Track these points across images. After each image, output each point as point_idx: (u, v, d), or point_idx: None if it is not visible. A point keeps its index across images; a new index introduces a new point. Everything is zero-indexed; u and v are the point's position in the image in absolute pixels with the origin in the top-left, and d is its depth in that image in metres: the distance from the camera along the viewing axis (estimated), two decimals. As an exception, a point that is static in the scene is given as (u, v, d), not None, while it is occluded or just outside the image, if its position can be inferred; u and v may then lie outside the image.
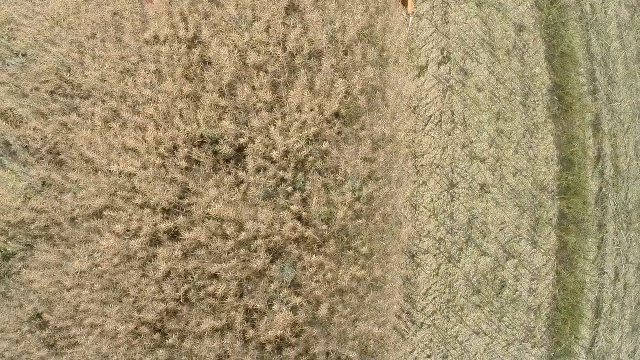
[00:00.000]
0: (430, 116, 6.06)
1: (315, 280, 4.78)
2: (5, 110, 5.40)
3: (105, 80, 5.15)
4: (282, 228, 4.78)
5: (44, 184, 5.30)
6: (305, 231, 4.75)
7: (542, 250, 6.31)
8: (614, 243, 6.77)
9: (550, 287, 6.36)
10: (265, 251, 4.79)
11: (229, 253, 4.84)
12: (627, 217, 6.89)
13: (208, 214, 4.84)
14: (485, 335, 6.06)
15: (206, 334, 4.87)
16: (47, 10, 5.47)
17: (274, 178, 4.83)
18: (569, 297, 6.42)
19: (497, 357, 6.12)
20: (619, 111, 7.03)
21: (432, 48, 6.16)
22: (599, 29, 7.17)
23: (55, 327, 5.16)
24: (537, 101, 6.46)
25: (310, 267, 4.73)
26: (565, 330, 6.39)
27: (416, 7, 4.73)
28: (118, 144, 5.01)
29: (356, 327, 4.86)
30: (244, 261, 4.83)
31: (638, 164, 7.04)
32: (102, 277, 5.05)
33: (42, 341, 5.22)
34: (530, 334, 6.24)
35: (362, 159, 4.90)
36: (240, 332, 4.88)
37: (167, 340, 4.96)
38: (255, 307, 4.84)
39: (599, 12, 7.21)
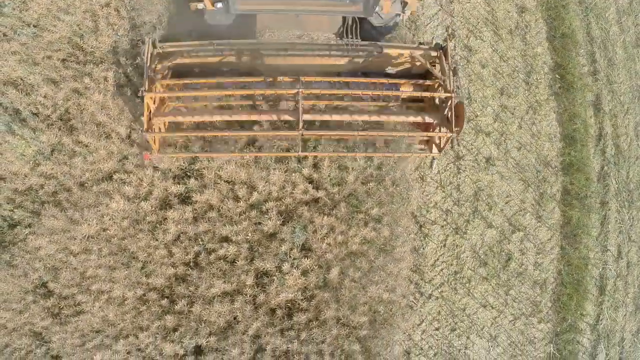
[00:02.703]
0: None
1: (326, 242, 4.91)
2: (15, 79, 5.53)
3: (117, 47, 5.32)
4: (294, 190, 4.93)
5: (52, 150, 5.40)
6: (317, 192, 4.90)
7: (546, 225, 6.49)
8: (616, 221, 6.98)
9: (555, 261, 6.52)
10: (277, 213, 4.92)
11: (240, 215, 4.96)
12: (628, 195, 7.12)
13: (220, 176, 4.97)
14: (492, 308, 6.18)
15: (216, 299, 4.96)
16: (61, -19, 5.66)
17: (286, 140, 5.00)
18: (574, 272, 6.58)
19: (504, 330, 6.23)
20: (618, 92, 7.32)
21: (437, 25, 6.44)
22: (598, 13, 7.52)
23: (61, 295, 5.20)
24: (539, 79, 6.74)
25: (321, 228, 4.87)
26: (570, 305, 6.53)
27: (442, 152, 4.84)
28: (130, 108, 5.17)
29: (366, 291, 4.99)
30: (255, 223, 4.96)
31: (638, 144, 7.30)
32: (110, 241, 5.13)
33: (46, 310, 5.25)
34: (536, 308, 6.38)
35: (372, 125, 5.09)
36: (250, 297, 4.98)
37: (175, 306, 5.04)
38: (265, 271, 4.95)
39: (597, -2, 7.57)
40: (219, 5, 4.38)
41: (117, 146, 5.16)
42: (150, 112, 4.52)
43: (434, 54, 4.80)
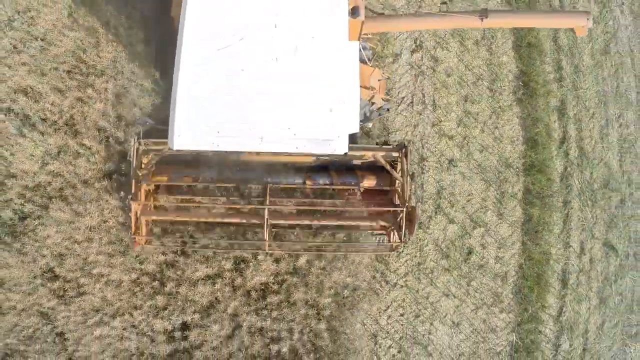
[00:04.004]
0: (403, 97, 7.47)
1: (294, 234, 6.13)
2: (25, 87, 6.80)
3: (116, 61, 6.58)
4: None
5: (59, 152, 6.66)
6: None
7: (507, 222, 7.61)
8: (579, 219, 8.05)
9: (516, 256, 7.63)
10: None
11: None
12: (592, 195, 8.18)
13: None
14: (455, 297, 7.32)
15: (200, 282, 6.20)
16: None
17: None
18: (535, 266, 7.68)
19: (466, 319, 7.36)
20: (584, 98, 8.39)
21: (406, 38, 7.60)
22: (566, 22, 8.60)
23: (65, 278, 6.45)
24: (503, 86, 7.86)
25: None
26: (531, 297, 7.62)
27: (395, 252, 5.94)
28: (127, 116, 6.43)
29: (331, 276, 6.19)
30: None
31: (602, 146, 8.36)
32: (109, 232, 6.40)
33: (52, 292, 6.49)
34: (498, 299, 7.49)
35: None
36: (229, 280, 6.21)
37: (164, 288, 6.28)
38: (243, 258, 6.18)
39: (567, 6, 8.66)
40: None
41: (115, 149, 6.43)
42: (137, 215, 5.58)
43: (395, 154, 5.58)
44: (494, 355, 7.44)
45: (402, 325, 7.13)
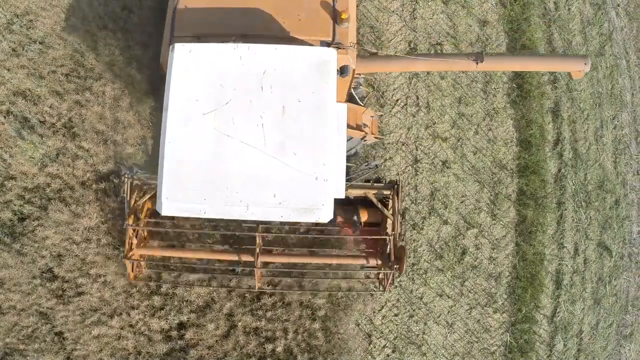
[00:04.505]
0: (397, 100, 7.66)
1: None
2: (24, 90, 7.01)
3: (114, 65, 6.77)
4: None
5: (57, 154, 6.87)
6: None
7: (501, 223, 7.79)
8: (573, 220, 8.22)
9: (510, 256, 7.81)
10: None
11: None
12: (586, 196, 8.36)
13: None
14: (449, 297, 7.50)
15: (196, 282, 6.40)
16: (63, 3, 7.12)
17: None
18: (529, 267, 7.86)
19: (460, 319, 7.54)
20: (578, 99, 8.57)
21: (401, 41, 7.78)
22: (562, 24, 8.77)
23: (64, 278, 6.66)
24: (497, 88, 8.03)
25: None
26: (525, 297, 7.80)
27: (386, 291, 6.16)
28: (124, 119, 6.62)
29: (325, 279, 6.39)
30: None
31: (597, 148, 8.53)
32: (107, 233, 6.59)
33: (51, 292, 6.69)
34: (492, 299, 7.67)
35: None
36: (225, 281, 6.41)
37: (161, 288, 6.49)
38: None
39: (562, 8, 8.83)
40: None
41: (114, 150, 6.63)
42: (132, 241, 5.74)
43: (386, 192, 5.73)
44: (488, 355, 7.63)
45: (396, 325, 7.32)
